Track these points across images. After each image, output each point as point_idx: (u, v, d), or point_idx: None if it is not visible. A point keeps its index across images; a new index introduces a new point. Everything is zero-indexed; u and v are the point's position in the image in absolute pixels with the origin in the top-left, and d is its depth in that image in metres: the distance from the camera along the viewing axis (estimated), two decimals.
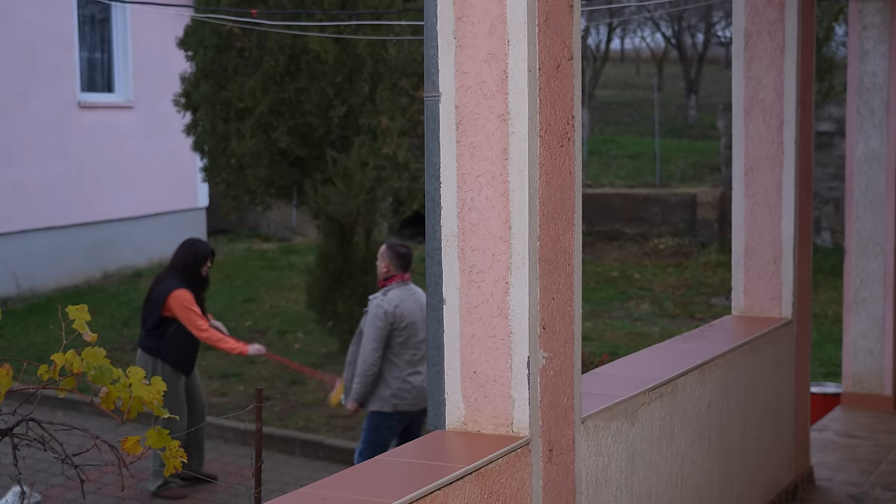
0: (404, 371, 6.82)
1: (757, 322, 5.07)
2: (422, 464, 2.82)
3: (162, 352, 7.66)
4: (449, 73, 2.95)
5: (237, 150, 11.29)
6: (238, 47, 11.34)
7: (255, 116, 11.16)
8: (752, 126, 5.17)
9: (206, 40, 11.48)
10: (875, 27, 7.01)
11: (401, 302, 6.80)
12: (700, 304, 14.36)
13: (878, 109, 7.04)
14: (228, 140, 11.38)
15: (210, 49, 11.44)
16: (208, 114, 11.54)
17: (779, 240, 5.15)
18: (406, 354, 6.83)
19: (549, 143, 2.99)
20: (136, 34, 16.15)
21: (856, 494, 5.37)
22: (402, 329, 6.79)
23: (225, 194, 12.13)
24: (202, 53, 11.55)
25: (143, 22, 16.01)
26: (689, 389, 4.09)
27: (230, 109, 11.32)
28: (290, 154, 11.49)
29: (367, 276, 12.00)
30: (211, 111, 11.50)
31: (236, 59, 11.39)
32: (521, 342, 2.92)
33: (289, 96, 11.21)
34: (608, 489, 3.48)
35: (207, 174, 12.16)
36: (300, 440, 9.44)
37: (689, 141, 24.67)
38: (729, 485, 4.49)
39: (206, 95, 11.46)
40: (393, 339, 6.80)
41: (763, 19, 5.11)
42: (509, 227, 2.92)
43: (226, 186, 11.93)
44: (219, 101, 11.37)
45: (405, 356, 6.83)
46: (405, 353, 6.83)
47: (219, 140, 11.52)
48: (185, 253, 7.78)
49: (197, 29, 11.65)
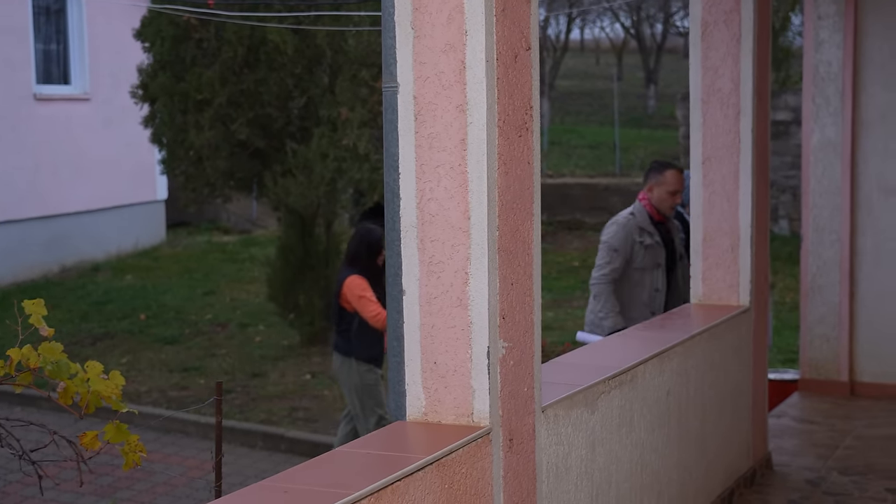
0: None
1: (715, 310, 5.11)
2: (383, 455, 2.82)
3: (354, 350, 7.31)
4: (407, 64, 2.95)
5: (196, 141, 11.23)
6: (196, 38, 11.27)
7: (213, 108, 11.09)
8: (710, 115, 5.20)
9: (163, 31, 11.39)
10: (830, 17, 7.08)
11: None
12: None
13: (834, 98, 7.11)
14: (187, 132, 11.31)
15: (167, 40, 11.35)
16: (166, 105, 11.46)
17: (736, 228, 5.19)
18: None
19: (507, 134, 2.99)
20: (92, 25, 16.00)
21: (813, 479, 5.44)
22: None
23: (184, 186, 12.05)
24: (159, 44, 11.47)
25: (100, 13, 15.86)
26: (648, 377, 4.12)
27: (188, 101, 11.24)
28: (249, 146, 11.44)
29: (329, 268, 11.98)
30: (169, 103, 11.42)
31: (194, 50, 11.31)
32: (480, 332, 2.93)
33: (248, 87, 11.15)
34: (568, 477, 3.50)
35: (166, 166, 12.08)
36: (261, 433, 9.42)
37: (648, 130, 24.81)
38: (688, 471, 4.53)
39: (163, 87, 11.38)
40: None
41: (719, 9, 5.14)
42: (468, 218, 2.92)
43: (185, 179, 11.85)
44: (177, 93, 11.29)
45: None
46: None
47: (177, 132, 11.45)
48: (356, 244, 7.43)
49: (154, 20, 11.56)
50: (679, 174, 6.26)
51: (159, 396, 10.47)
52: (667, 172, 6.24)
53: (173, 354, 11.86)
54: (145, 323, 13.08)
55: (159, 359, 11.71)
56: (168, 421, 9.29)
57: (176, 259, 16.55)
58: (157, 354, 11.86)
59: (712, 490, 4.83)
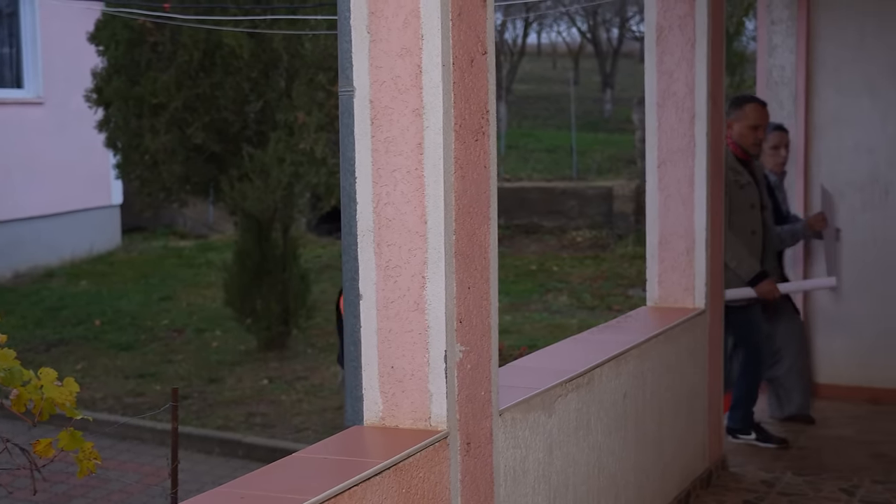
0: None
1: (671, 312, 5.14)
2: (340, 460, 2.82)
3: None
4: (363, 68, 2.95)
5: (151, 146, 11.15)
6: (151, 42, 11.19)
7: (169, 112, 11.02)
8: (665, 119, 5.24)
9: (117, 35, 11.31)
10: (783, 22, 7.15)
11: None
12: (617, 296, 14.53)
13: (787, 102, 7.18)
14: (142, 136, 11.23)
15: (122, 44, 11.27)
16: (121, 109, 11.38)
17: (692, 231, 5.23)
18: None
19: (463, 138, 3.00)
20: (45, 28, 15.83)
21: (768, 480, 5.48)
22: None
23: (139, 191, 11.97)
24: (114, 48, 11.38)
25: (53, 16, 15.70)
26: (605, 380, 4.13)
27: (143, 105, 11.16)
28: (205, 150, 11.38)
29: (286, 273, 11.94)
30: (124, 107, 11.34)
31: (149, 53, 11.24)
32: (437, 336, 2.93)
33: (203, 91, 11.09)
34: (526, 481, 3.50)
35: (121, 171, 11.99)
36: (218, 439, 9.36)
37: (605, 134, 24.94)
38: (645, 474, 4.56)
39: (118, 91, 11.29)
40: None
41: (674, 14, 5.18)
42: (425, 222, 2.92)
43: (140, 183, 11.77)
44: (132, 97, 11.21)
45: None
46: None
47: (132, 136, 11.36)
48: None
49: (108, 23, 11.47)
50: (761, 107, 5.88)
51: (115, 403, 10.38)
52: (746, 106, 5.86)
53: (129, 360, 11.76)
54: (100, 329, 12.96)
55: (115, 365, 11.61)
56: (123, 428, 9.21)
57: (131, 264, 16.41)
58: (113, 361, 11.76)
59: (669, 492, 4.86)
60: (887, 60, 6.91)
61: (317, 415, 10.08)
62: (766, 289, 5.80)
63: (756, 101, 5.91)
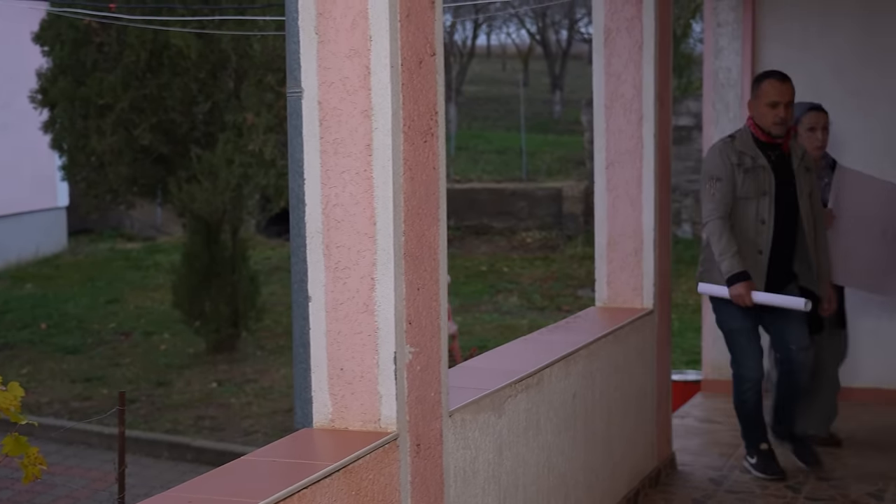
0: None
1: (620, 313, 5.17)
2: (289, 462, 2.80)
3: None
4: (311, 69, 2.94)
5: (97, 147, 11.04)
6: (97, 42, 11.09)
7: (115, 113, 10.93)
8: (613, 121, 5.27)
9: (63, 35, 11.19)
10: (729, 24, 7.23)
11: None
12: (567, 296, 14.60)
13: (733, 104, 7.26)
14: (88, 137, 11.12)
15: (67, 44, 11.15)
16: (67, 110, 11.26)
17: (640, 232, 5.26)
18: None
19: (412, 139, 2.99)
20: None
21: (716, 478, 5.53)
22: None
23: (86, 193, 11.85)
24: (59, 48, 11.26)
25: None
26: (554, 380, 4.15)
27: (90, 106, 11.05)
28: (153, 151, 11.29)
29: (235, 275, 11.87)
30: (69, 108, 11.22)
31: (95, 54, 11.13)
32: (387, 338, 2.93)
33: (151, 92, 11.01)
34: (476, 481, 3.51)
35: (67, 172, 11.86)
36: (167, 443, 9.29)
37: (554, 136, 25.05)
38: (594, 473, 4.58)
39: (63, 92, 11.17)
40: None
41: (622, 16, 5.21)
42: (374, 224, 2.92)
43: (86, 185, 11.66)
44: (77, 98, 11.10)
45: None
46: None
47: (78, 137, 11.25)
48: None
49: (53, 23, 11.34)
50: (779, 82, 5.24)
51: (61, 407, 10.26)
52: (763, 82, 5.27)
53: (75, 364, 11.63)
54: (46, 332, 12.80)
55: (61, 369, 11.47)
56: (70, 432, 9.11)
57: (78, 267, 16.23)
58: (59, 364, 11.62)
59: (618, 491, 4.89)
60: (831, 60, 7.00)
61: (266, 417, 10.03)
62: (737, 293, 5.16)
63: (774, 76, 5.27)
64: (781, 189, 5.23)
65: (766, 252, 5.22)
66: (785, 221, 5.25)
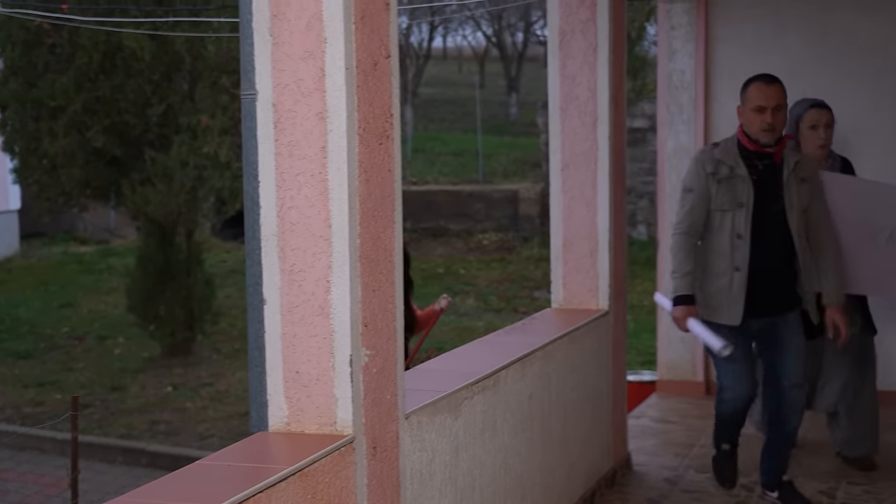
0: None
1: (575, 314, 5.19)
2: (244, 466, 2.79)
3: None
4: (265, 71, 2.92)
5: (50, 150, 10.93)
6: (49, 43, 10.98)
7: (68, 115, 10.82)
8: (568, 123, 5.29)
9: (14, 36, 11.06)
10: (683, 27, 7.28)
11: None
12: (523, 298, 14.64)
13: (687, 106, 7.31)
14: (40, 140, 11.00)
15: (19, 45, 11.03)
16: (18, 113, 11.14)
17: (595, 233, 5.29)
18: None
19: (367, 141, 2.99)
20: None
21: (671, 478, 5.57)
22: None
23: (38, 196, 11.72)
24: (10, 50, 11.13)
25: None
26: (510, 382, 4.16)
27: (41, 108, 10.94)
28: (106, 154, 11.19)
29: (190, 278, 11.79)
30: (21, 110, 11.10)
31: (47, 55, 11.02)
32: (343, 340, 2.92)
33: (104, 94, 10.91)
34: (433, 483, 3.51)
35: (18, 175, 11.73)
36: (121, 448, 9.21)
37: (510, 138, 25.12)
38: (550, 474, 4.60)
39: (15, 93, 11.05)
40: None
41: (576, 18, 5.24)
42: (329, 226, 2.91)
43: (38, 188, 11.53)
44: (29, 100, 10.98)
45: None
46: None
47: (30, 140, 11.13)
48: None
49: (4, 24, 11.20)
50: (765, 85, 4.76)
51: (13, 413, 10.13)
52: (749, 87, 4.81)
53: (28, 369, 11.49)
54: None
55: (13, 374, 11.34)
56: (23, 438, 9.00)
57: (30, 271, 16.04)
58: (11, 370, 11.48)
59: (574, 491, 4.91)
60: (785, 62, 7.05)
61: (222, 421, 9.97)
62: (675, 315, 4.81)
63: (760, 79, 4.80)
64: (763, 201, 4.72)
65: (745, 269, 4.71)
66: (768, 237, 4.74)
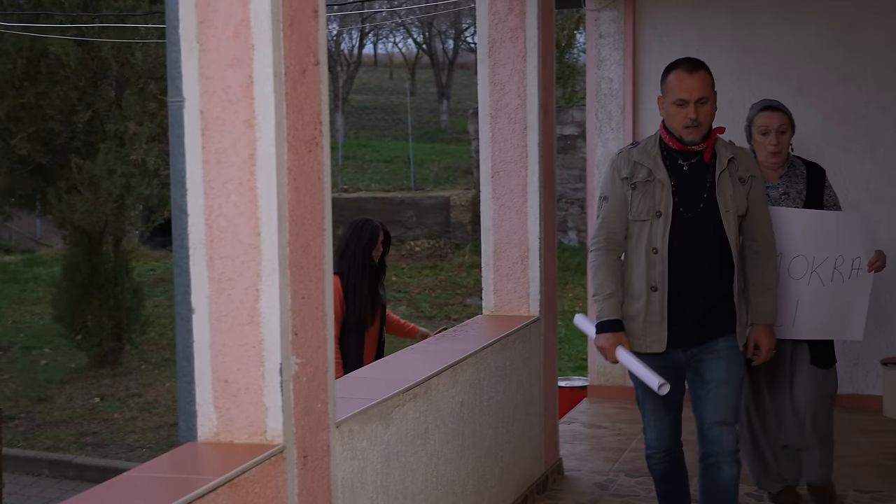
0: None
1: (507, 320, 5.21)
2: (172, 478, 2.75)
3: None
4: (193, 78, 2.90)
5: None
6: None
7: None
8: (498, 130, 5.32)
9: None
10: (611, 35, 7.35)
11: None
12: (455, 305, 14.67)
13: (615, 113, 7.38)
14: None
15: None
16: None
17: (525, 240, 5.31)
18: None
19: (296, 149, 2.98)
20: None
21: (602, 482, 5.61)
22: None
23: None
24: None
25: None
26: (442, 389, 4.16)
27: None
28: (31, 161, 11.01)
29: (118, 287, 11.63)
30: None
31: None
32: (272, 349, 2.90)
33: (28, 101, 10.74)
34: (364, 492, 3.50)
35: None
36: (48, 460, 9.06)
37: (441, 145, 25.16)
38: (482, 480, 4.61)
39: None
40: None
41: (505, 26, 5.26)
42: (258, 234, 2.89)
43: None
44: None
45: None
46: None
47: None
48: (347, 236, 5.76)
49: None
50: (686, 73, 4.03)
51: None
52: (669, 75, 4.08)
53: None
54: None
55: None
56: None
57: None
58: None
59: (506, 497, 4.93)
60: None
61: (151, 432, 9.85)
62: (600, 344, 4.13)
63: (681, 66, 4.06)
64: (687, 208, 4.02)
65: (663, 288, 4.00)
66: (694, 249, 4.02)
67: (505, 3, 5.23)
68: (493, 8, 5.25)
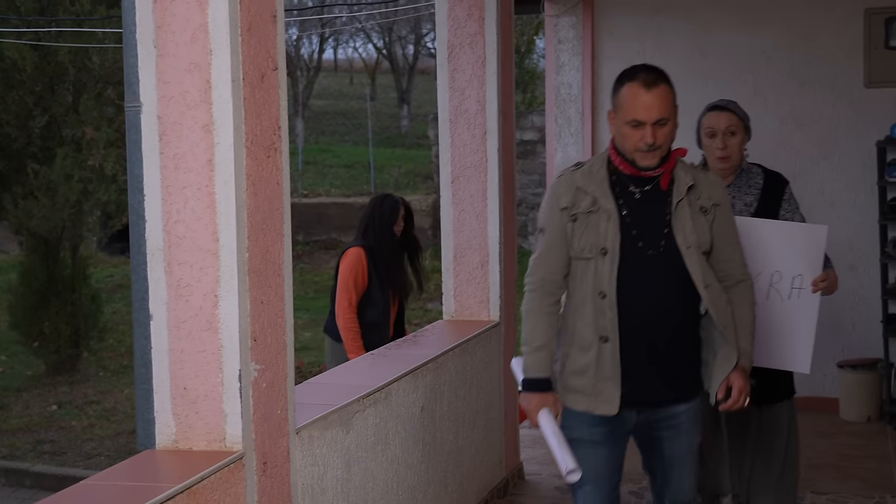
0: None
1: (467, 325, 5.22)
2: (130, 486, 2.73)
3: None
4: (150, 83, 2.88)
5: None
6: None
7: None
8: (458, 135, 5.33)
9: None
10: (569, 41, 7.39)
11: None
12: (416, 310, 14.64)
13: (575, 119, 7.42)
14: None
15: None
16: None
17: (485, 245, 5.33)
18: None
19: (255, 154, 2.97)
20: None
21: (562, 486, 5.61)
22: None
23: None
24: None
25: None
26: (402, 394, 4.16)
27: None
28: None
29: (75, 293, 11.53)
30: None
31: None
32: (231, 355, 2.89)
33: None
34: (324, 498, 3.49)
35: None
36: (4, 469, 8.96)
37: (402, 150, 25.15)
38: (443, 486, 4.61)
39: None
40: None
41: (465, 32, 5.28)
42: (217, 240, 2.88)
43: None
44: None
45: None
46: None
47: None
48: (367, 212, 5.84)
49: None
50: (642, 88, 3.34)
51: None
52: (623, 89, 3.39)
53: None
54: None
55: None
56: None
57: None
58: None
59: (467, 502, 4.93)
60: None
61: (110, 439, 9.77)
62: (524, 405, 3.56)
63: (637, 79, 3.37)
64: (647, 244, 3.37)
65: (615, 340, 3.34)
66: (651, 293, 3.36)
67: (464, 9, 5.24)
68: (452, 13, 5.26)
